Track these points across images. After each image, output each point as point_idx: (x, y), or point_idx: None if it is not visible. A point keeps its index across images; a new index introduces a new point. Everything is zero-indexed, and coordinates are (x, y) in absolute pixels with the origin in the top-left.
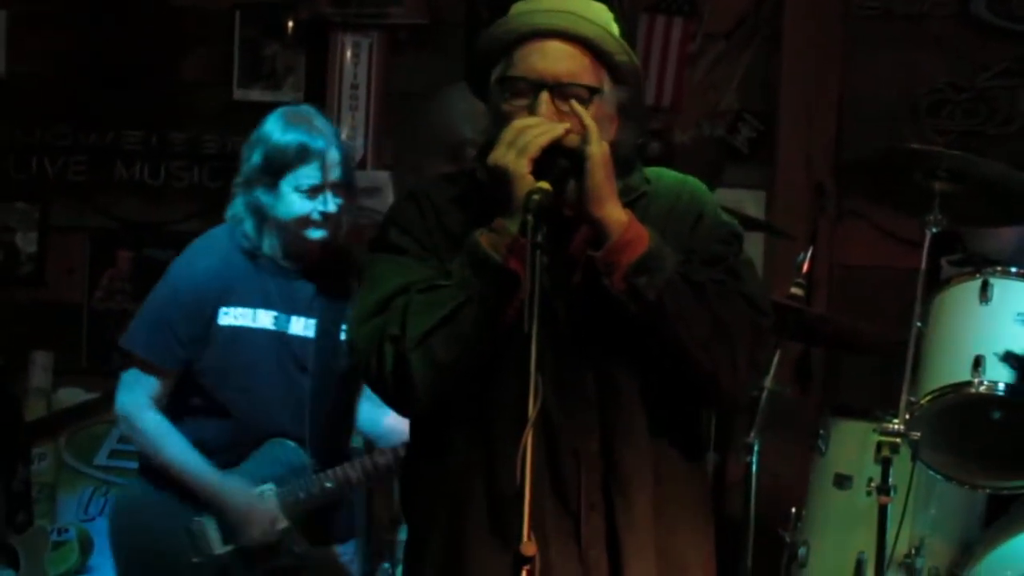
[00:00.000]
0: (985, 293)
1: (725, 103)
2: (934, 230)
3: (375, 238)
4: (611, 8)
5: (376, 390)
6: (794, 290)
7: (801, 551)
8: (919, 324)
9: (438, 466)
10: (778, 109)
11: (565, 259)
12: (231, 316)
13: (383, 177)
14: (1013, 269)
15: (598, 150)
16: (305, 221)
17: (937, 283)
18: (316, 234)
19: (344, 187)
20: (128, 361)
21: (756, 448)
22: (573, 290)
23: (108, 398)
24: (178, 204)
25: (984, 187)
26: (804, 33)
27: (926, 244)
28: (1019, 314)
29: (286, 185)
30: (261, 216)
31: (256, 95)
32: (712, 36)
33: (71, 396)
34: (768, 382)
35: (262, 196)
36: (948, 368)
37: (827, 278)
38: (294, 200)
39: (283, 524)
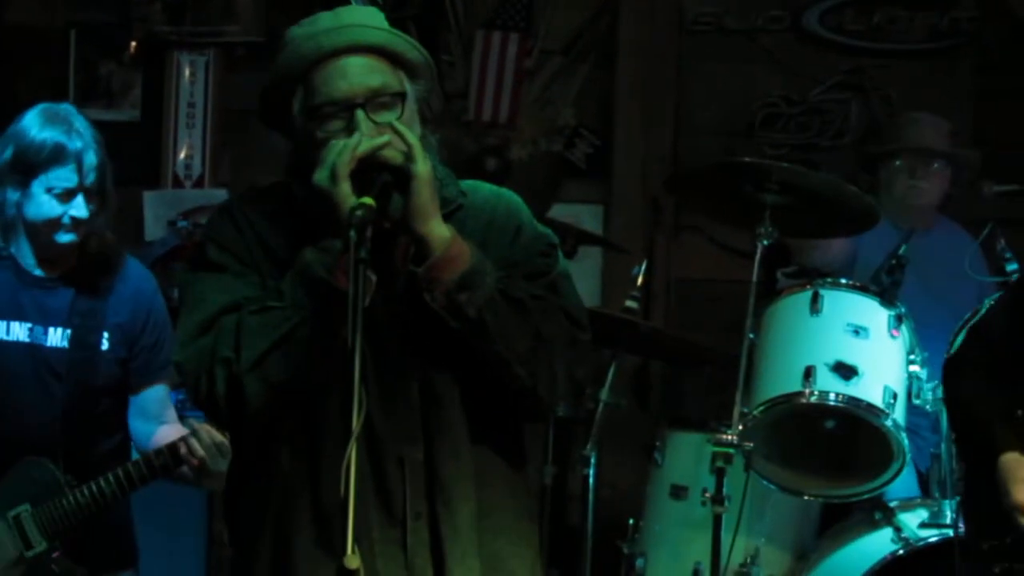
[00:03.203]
0: (816, 304)
1: (562, 118)
2: (765, 242)
3: (193, 256)
4: (443, 20)
5: (206, 410)
6: (629, 303)
7: (639, 562)
8: (751, 335)
9: (264, 479)
10: (614, 124)
11: (387, 271)
12: None
13: (220, 195)
14: (844, 280)
15: (424, 168)
16: (55, 224)
17: (770, 295)
18: (65, 238)
19: (98, 193)
20: None
21: (593, 460)
22: (395, 301)
23: None
24: None
25: (814, 199)
26: (639, 48)
27: (757, 256)
28: (849, 324)
29: (38, 186)
30: (9, 215)
31: (93, 114)
32: (548, 52)
33: None
34: (605, 395)
35: (11, 194)
36: (780, 379)
37: (665, 291)
38: (45, 202)
39: (40, 547)
